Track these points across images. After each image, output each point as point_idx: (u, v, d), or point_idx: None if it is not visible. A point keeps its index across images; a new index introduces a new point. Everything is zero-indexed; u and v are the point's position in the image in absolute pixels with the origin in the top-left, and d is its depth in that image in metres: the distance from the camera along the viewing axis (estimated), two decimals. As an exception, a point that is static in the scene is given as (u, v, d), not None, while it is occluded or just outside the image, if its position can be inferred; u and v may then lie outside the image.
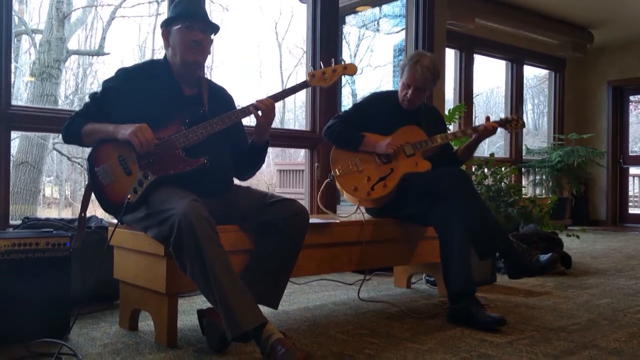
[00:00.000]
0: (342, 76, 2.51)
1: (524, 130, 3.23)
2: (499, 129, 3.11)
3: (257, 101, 2.33)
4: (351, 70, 2.48)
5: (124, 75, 2.32)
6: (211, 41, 2.38)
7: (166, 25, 2.34)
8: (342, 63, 2.47)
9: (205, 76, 2.51)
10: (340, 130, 2.98)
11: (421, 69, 2.93)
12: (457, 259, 2.62)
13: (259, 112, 2.33)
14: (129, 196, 2.10)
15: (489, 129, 3.02)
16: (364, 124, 3.01)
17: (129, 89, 2.27)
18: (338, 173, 2.93)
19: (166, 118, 2.22)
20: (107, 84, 2.32)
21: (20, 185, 7.84)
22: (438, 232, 2.74)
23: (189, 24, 2.28)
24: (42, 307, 2.16)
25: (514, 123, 3.13)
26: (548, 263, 2.75)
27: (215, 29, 2.38)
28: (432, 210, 2.74)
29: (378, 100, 3.14)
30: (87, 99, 2.36)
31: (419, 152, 2.98)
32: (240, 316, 1.88)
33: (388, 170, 2.93)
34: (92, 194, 2.26)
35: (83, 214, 2.35)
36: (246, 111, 2.32)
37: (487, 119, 3.08)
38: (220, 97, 2.48)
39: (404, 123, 3.05)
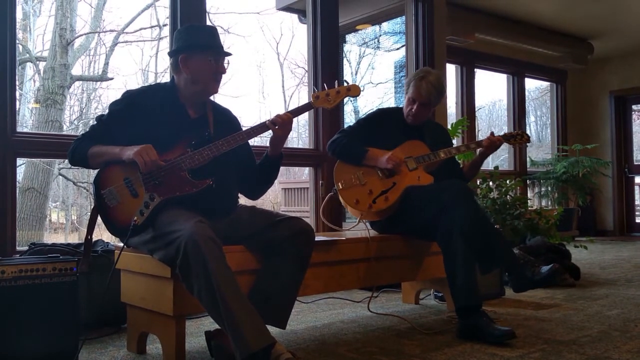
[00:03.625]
0: (347, 98, 2.53)
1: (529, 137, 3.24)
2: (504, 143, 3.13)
3: (274, 117, 2.35)
4: (355, 91, 2.49)
5: (130, 98, 2.34)
6: None
7: (187, 51, 2.30)
8: (346, 84, 2.49)
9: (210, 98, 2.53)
10: (344, 145, 2.99)
11: (426, 85, 2.96)
12: (461, 273, 2.60)
13: (276, 126, 2.34)
14: (135, 218, 2.11)
15: (493, 143, 3.04)
16: (369, 139, 3.03)
17: (135, 112, 2.29)
18: (341, 186, 2.95)
19: (172, 140, 2.24)
20: (113, 106, 2.34)
21: (27, 211, 7.87)
22: (441, 247, 2.73)
23: (218, 57, 2.31)
24: (49, 332, 2.16)
25: (518, 137, 3.15)
26: (550, 274, 2.72)
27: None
28: (434, 224, 2.73)
29: (383, 116, 3.17)
30: (93, 122, 2.38)
31: (421, 166, 2.99)
32: (248, 337, 1.87)
33: (390, 184, 2.94)
34: (99, 217, 2.27)
35: (89, 237, 2.36)
36: (263, 127, 2.34)
37: (492, 134, 3.09)
38: (226, 119, 2.50)
39: (408, 138, 3.06)
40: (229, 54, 2.35)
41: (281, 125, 2.34)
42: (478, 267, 2.72)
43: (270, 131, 2.37)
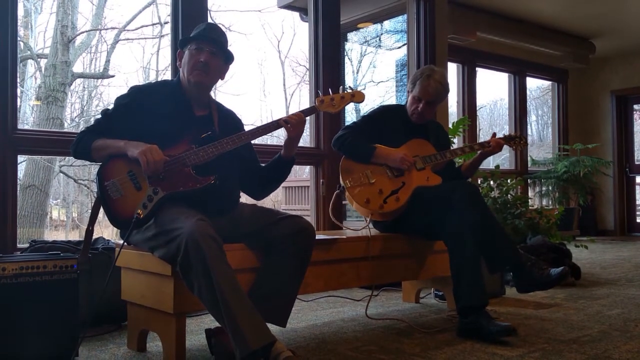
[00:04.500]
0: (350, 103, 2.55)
1: (529, 141, 3.26)
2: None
3: (287, 116, 2.37)
4: (359, 98, 2.52)
5: (137, 93, 2.34)
6: (224, 68, 2.42)
7: (181, 46, 2.38)
8: (350, 91, 2.51)
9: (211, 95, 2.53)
10: (351, 141, 2.96)
11: (434, 83, 2.95)
12: (468, 272, 2.60)
13: (289, 124, 2.35)
14: (138, 211, 2.11)
15: (498, 144, 3.04)
16: (373, 136, 3.01)
17: (141, 107, 2.29)
18: (349, 184, 2.89)
19: (176, 136, 2.24)
20: (119, 100, 2.34)
21: (27, 209, 7.87)
22: (448, 245, 2.72)
23: (199, 46, 2.32)
24: (49, 330, 2.16)
25: (517, 140, 3.17)
26: (560, 277, 2.72)
27: (229, 56, 2.41)
28: (442, 223, 2.73)
29: (387, 113, 3.14)
30: (98, 115, 2.38)
31: (429, 166, 2.98)
32: (248, 335, 1.87)
33: (400, 183, 2.92)
34: (101, 209, 2.26)
35: (91, 228, 2.36)
36: (275, 125, 2.35)
37: (494, 135, 3.09)
38: (230, 120, 2.51)
39: (412, 136, 3.05)
40: (213, 42, 2.33)
41: (294, 124, 2.35)
42: (485, 266, 2.72)
43: (276, 133, 2.38)
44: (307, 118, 2.44)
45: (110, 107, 2.36)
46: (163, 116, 2.28)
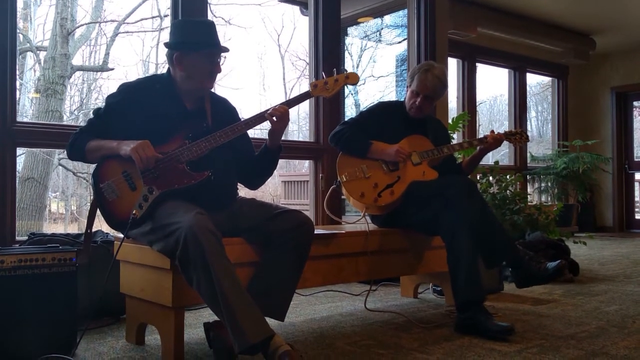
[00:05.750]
0: (345, 86, 2.51)
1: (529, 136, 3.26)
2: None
3: (271, 108, 2.35)
4: (353, 79, 2.47)
5: (127, 91, 2.33)
6: None
7: (181, 50, 2.29)
8: (344, 73, 2.48)
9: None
10: (347, 137, 2.97)
11: (432, 78, 2.95)
12: (464, 267, 2.60)
13: (274, 118, 2.34)
14: (134, 211, 2.11)
15: (497, 140, 3.04)
16: (370, 132, 3.01)
17: (132, 104, 2.28)
18: (345, 179, 2.91)
19: (169, 132, 2.23)
20: (110, 99, 2.33)
21: (26, 201, 7.86)
22: (445, 241, 2.73)
23: (215, 55, 2.29)
24: (48, 323, 2.16)
25: (518, 136, 3.16)
26: (556, 270, 2.73)
27: None
28: (439, 218, 2.73)
29: (385, 109, 3.15)
30: (90, 115, 2.37)
31: (425, 161, 2.98)
32: (247, 329, 1.88)
33: (395, 177, 2.93)
34: (98, 210, 2.26)
35: (89, 230, 2.36)
36: (261, 118, 2.33)
37: (492, 132, 3.09)
38: (223, 110, 2.49)
39: (410, 132, 3.05)
40: (225, 50, 2.32)
41: (279, 117, 2.34)
42: (482, 261, 2.72)
43: (268, 122, 2.37)
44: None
45: (103, 105, 2.35)
46: (155, 112, 2.26)
